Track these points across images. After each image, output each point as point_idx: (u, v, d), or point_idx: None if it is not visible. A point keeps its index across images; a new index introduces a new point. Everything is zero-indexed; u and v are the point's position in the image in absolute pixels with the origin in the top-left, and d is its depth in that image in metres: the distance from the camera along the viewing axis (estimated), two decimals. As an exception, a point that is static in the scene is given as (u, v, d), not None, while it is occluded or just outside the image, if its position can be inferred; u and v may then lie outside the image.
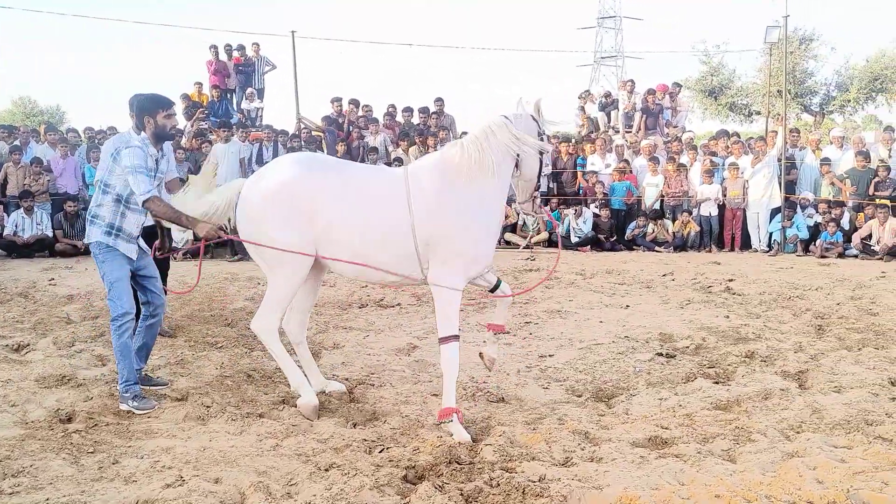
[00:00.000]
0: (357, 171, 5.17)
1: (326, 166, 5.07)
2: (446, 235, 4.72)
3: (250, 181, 5.02)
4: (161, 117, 5.11)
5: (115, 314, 5.01)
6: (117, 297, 5.01)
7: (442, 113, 16.17)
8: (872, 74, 26.94)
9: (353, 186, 4.88)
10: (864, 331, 7.06)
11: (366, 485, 3.75)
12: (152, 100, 5.16)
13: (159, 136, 5.15)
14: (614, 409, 5.12)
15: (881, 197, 12.74)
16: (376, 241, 4.78)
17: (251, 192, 4.91)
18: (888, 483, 3.79)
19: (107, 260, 5.03)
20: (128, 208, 5.03)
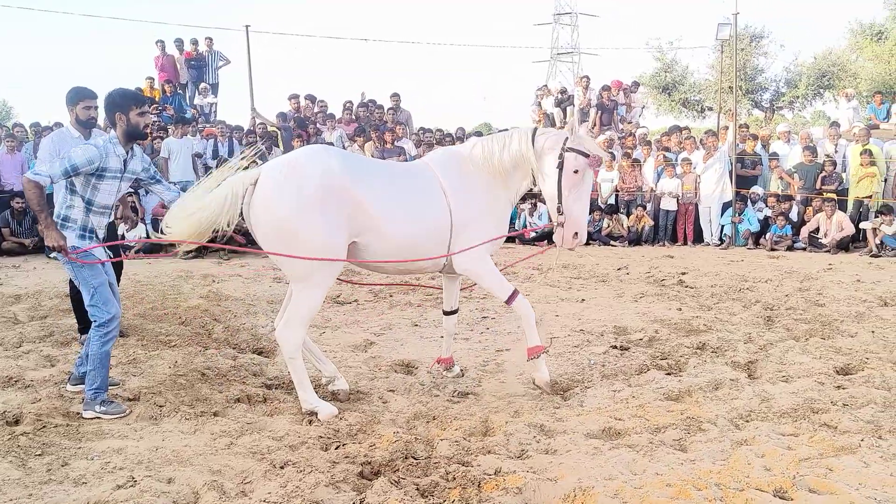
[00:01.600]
0: (381, 163, 5.40)
1: (361, 159, 5.13)
2: (473, 219, 4.99)
3: (272, 175, 4.60)
4: (134, 114, 4.82)
5: (101, 320, 4.76)
6: (102, 303, 4.76)
7: (398, 108, 16.14)
8: (820, 71, 27.61)
9: (394, 177, 4.91)
10: (811, 321, 7.24)
11: (321, 481, 3.73)
12: (124, 95, 4.90)
13: (131, 134, 4.85)
14: (569, 401, 5.18)
15: (828, 191, 13.07)
16: (424, 232, 4.86)
17: (280, 188, 4.53)
18: (832, 469, 3.91)
19: (85, 265, 4.76)
20: (90, 212, 4.82)
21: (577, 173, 4.98)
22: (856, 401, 4.95)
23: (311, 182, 4.53)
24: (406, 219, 4.79)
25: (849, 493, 3.61)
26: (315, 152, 4.85)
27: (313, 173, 4.56)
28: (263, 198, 4.55)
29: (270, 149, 14.64)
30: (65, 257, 4.71)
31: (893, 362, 5.83)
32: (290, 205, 4.49)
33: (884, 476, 3.82)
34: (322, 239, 4.53)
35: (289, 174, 4.56)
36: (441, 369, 5.68)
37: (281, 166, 4.66)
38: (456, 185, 5.00)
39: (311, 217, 4.49)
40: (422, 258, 4.91)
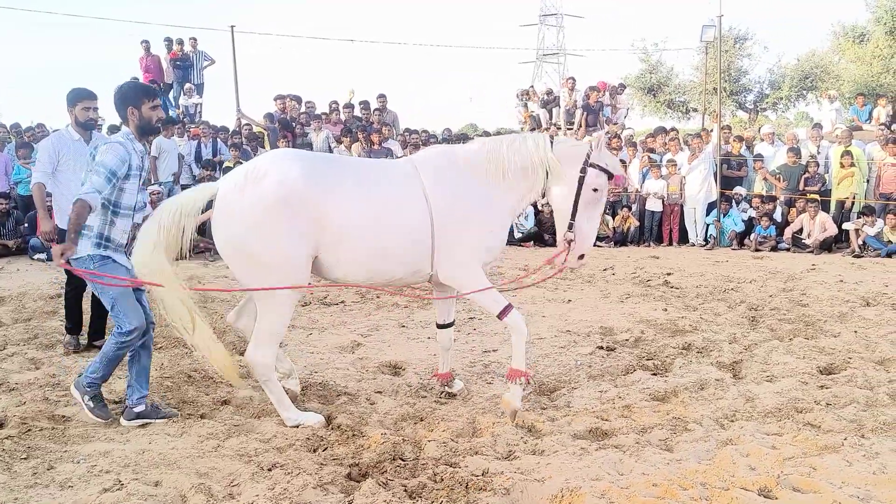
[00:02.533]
0: (362, 165, 4.89)
1: (329, 162, 4.64)
2: (459, 225, 4.58)
3: (232, 184, 4.34)
4: (147, 108, 4.61)
5: (123, 329, 4.53)
6: (124, 314, 4.52)
7: (385, 109, 16.14)
8: (803, 73, 27.83)
9: (364, 182, 4.48)
10: (795, 321, 7.31)
11: (309, 483, 3.74)
12: (136, 88, 4.71)
13: (144, 129, 4.66)
14: (556, 402, 5.20)
15: (811, 192, 13.18)
16: (398, 242, 4.48)
17: (239, 198, 4.24)
18: (816, 468, 3.96)
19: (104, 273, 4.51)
20: (116, 215, 4.58)
21: (595, 192, 4.65)
22: (839, 400, 5.00)
23: (265, 194, 4.21)
24: (374, 231, 4.41)
25: (832, 492, 3.65)
26: (273, 159, 4.50)
27: (268, 184, 4.23)
28: (218, 212, 4.31)
29: (256, 150, 14.61)
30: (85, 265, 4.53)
31: (876, 362, 5.90)
32: (244, 220, 4.21)
33: (866, 474, 3.87)
34: (280, 255, 4.25)
35: (243, 186, 4.27)
36: (438, 385, 5.33)
37: (237, 177, 4.38)
38: (441, 189, 4.58)
39: (266, 232, 4.20)
40: (394, 274, 4.61)
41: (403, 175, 4.66)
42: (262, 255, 4.23)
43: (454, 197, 4.61)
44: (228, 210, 4.27)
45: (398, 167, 4.88)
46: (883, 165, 12.97)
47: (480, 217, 4.66)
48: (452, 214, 4.57)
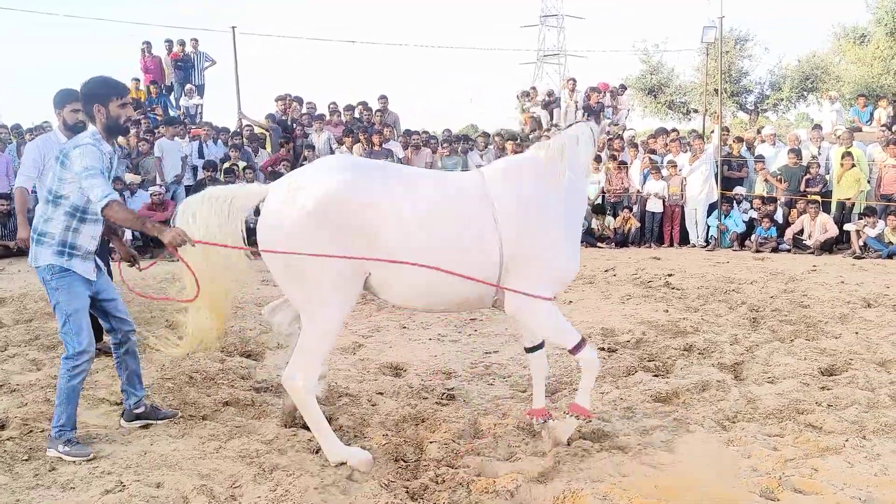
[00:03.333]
0: (418, 176, 4.32)
1: (384, 171, 4.16)
2: (534, 249, 4.08)
3: (278, 191, 4.06)
4: (115, 106, 4.24)
5: (70, 352, 4.22)
6: (75, 332, 4.21)
7: (386, 110, 16.15)
8: (804, 74, 27.77)
9: (425, 197, 4.02)
10: (796, 323, 7.31)
11: (311, 485, 3.74)
12: (105, 84, 4.28)
13: (112, 129, 4.29)
14: (557, 403, 5.20)
15: (812, 193, 13.17)
16: (462, 265, 3.97)
17: (285, 206, 3.95)
18: (818, 469, 3.96)
19: (61, 287, 4.21)
20: (83, 221, 4.25)
21: None
22: (840, 401, 5.01)
23: (305, 210, 3.88)
24: (434, 250, 3.94)
25: (834, 494, 3.67)
26: (321, 167, 4.17)
27: (312, 195, 3.90)
28: (265, 224, 4.01)
29: (257, 151, 14.63)
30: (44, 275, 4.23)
31: (877, 363, 5.90)
32: (290, 234, 3.90)
33: (868, 476, 3.87)
34: (324, 269, 3.89)
35: (288, 197, 3.97)
36: (535, 422, 4.56)
37: (285, 186, 4.08)
38: (513, 210, 4.06)
39: (308, 245, 3.87)
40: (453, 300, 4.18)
41: (469, 189, 4.16)
42: (306, 269, 3.91)
43: (527, 220, 4.09)
44: (272, 219, 3.98)
45: (463, 180, 4.35)
46: (884, 167, 12.97)
47: (557, 243, 4.17)
48: (525, 242, 4.07)
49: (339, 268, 3.90)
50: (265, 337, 7.00)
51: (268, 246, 3.97)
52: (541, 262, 4.10)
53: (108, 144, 4.31)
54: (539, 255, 4.09)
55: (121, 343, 4.62)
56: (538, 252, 4.09)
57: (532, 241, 4.07)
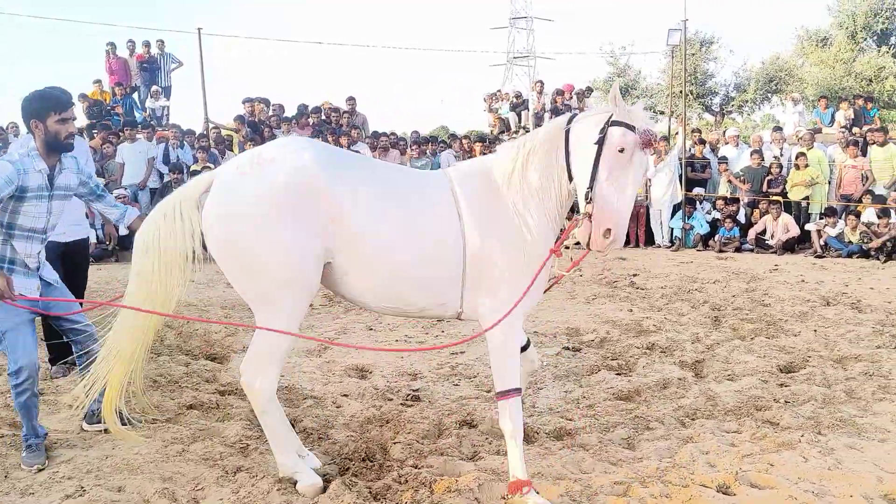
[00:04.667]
0: (386, 167, 4.10)
1: (349, 156, 3.98)
2: (498, 256, 3.76)
3: (234, 168, 3.68)
4: (53, 122, 4.00)
5: (9, 370, 4.04)
6: (12, 350, 4.00)
7: (354, 112, 16.13)
8: (768, 76, 28.30)
9: (392, 182, 3.79)
10: (756, 321, 7.44)
11: (274, 487, 3.75)
12: (42, 98, 4.04)
13: (51, 145, 4.04)
14: (522, 402, 5.24)
15: (774, 194, 13.40)
16: (423, 258, 3.70)
17: (241, 184, 3.57)
18: (773, 464, 4.05)
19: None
20: (11, 237, 4.06)
21: (622, 153, 3.59)
22: (797, 398, 5.12)
23: (275, 183, 3.53)
24: (398, 238, 3.66)
25: (788, 488, 3.75)
26: (286, 144, 3.80)
27: (278, 171, 3.56)
28: (214, 204, 3.61)
29: (224, 153, 14.52)
30: None
31: (834, 360, 6.04)
32: (246, 213, 3.53)
33: (822, 470, 3.97)
34: (286, 259, 3.54)
35: (247, 172, 3.60)
36: None
37: (240, 163, 3.70)
38: (478, 208, 3.78)
39: (271, 230, 3.51)
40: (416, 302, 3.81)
41: (435, 182, 3.93)
42: (264, 253, 3.53)
43: (490, 220, 3.78)
44: (227, 198, 3.59)
45: (429, 174, 4.21)
46: (843, 167, 13.23)
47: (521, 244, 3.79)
48: (489, 241, 3.75)
49: (303, 254, 3.56)
50: (231, 339, 6.98)
51: (220, 231, 3.59)
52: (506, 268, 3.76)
53: (45, 162, 4.06)
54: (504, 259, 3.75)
55: (84, 354, 4.33)
56: (503, 256, 3.75)
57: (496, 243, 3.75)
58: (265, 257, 3.54)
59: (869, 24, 24.90)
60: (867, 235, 11.90)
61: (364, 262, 3.66)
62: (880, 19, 24.65)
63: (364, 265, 3.67)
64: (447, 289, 3.78)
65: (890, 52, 24.74)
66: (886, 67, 24.41)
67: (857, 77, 24.86)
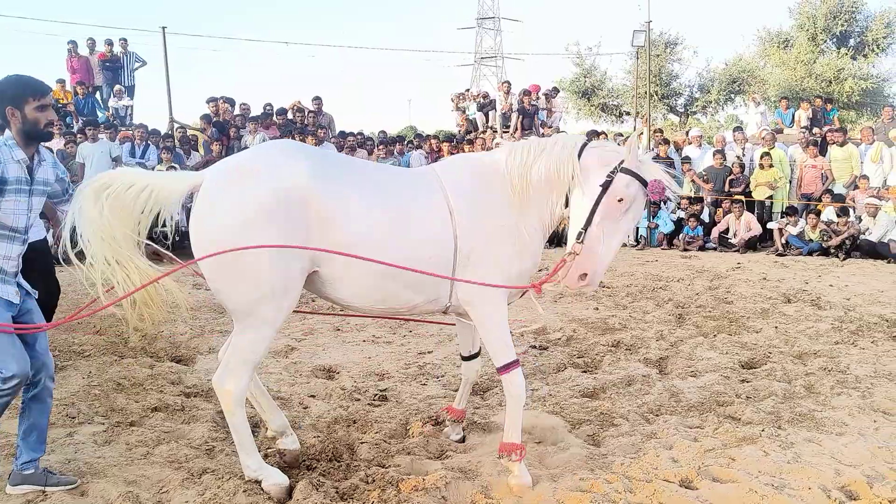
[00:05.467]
0: (373, 166, 4.13)
1: (335, 159, 3.95)
2: (486, 248, 3.86)
3: (219, 177, 3.62)
4: (31, 108, 3.68)
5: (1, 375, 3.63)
6: (1, 358, 3.61)
7: (320, 112, 16.06)
8: (731, 77, 28.64)
9: (380, 185, 3.79)
10: (719, 318, 7.57)
11: (240, 488, 3.73)
12: (19, 84, 3.72)
13: (30, 133, 3.72)
14: (488, 401, 5.29)
15: (736, 193, 13.62)
16: (415, 259, 3.71)
17: (226, 194, 3.54)
18: (735, 458, 4.13)
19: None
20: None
21: (621, 202, 3.79)
22: (758, 393, 5.22)
23: (261, 190, 3.51)
24: (391, 243, 3.68)
25: (749, 482, 3.82)
26: (272, 150, 3.81)
27: (266, 179, 3.53)
28: (200, 212, 3.57)
29: (189, 153, 14.39)
30: None
31: (794, 356, 6.16)
32: (231, 221, 3.49)
33: (781, 463, 4.05)
34: (271, 271, 3.51)
35: (233, 178, 3.58)
36: (448, 420, 4.60)
37: (226, 169, 3.68)
38: (467, 203, 3.86)
39: (257, 237, 3.47)
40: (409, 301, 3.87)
41: (423, 183, 3.95)
42: (250, 264, 3.49)
43: (480, 214, 3.88)
44: (212, 208, 3.55)
45: (416, 173, 4.28)
46: (804, 167, 13.50)
47: (509, 241, 3.93)
48: (479, 233, 3.86)
49: (287, 264, 3.54)
50: (197, 341, 6.91)
51: (203, 242, 3.53)
52: (495, 257, 3.87)
53: (24, 152, 3.72)
54: (492, 249, 3.87)
55: (32, 385, 3.80)
56: (492, 246, 3.87)
57: (483, 235, 3.86)
58: (250, 269, 3.51)
59: (829, 26, 25.31)
60: (827, 234, 12.16)
61: (356, 268, 3.65)
62: (839, 21, 25.06)
63: (355, 271, 3.66)
64: (440, 285, 3.85)
65: (849, 54, 25.19)
66: (845, 69, 24.84)
67: (818, 78, 25.28)
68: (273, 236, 3.48)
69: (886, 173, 12.87)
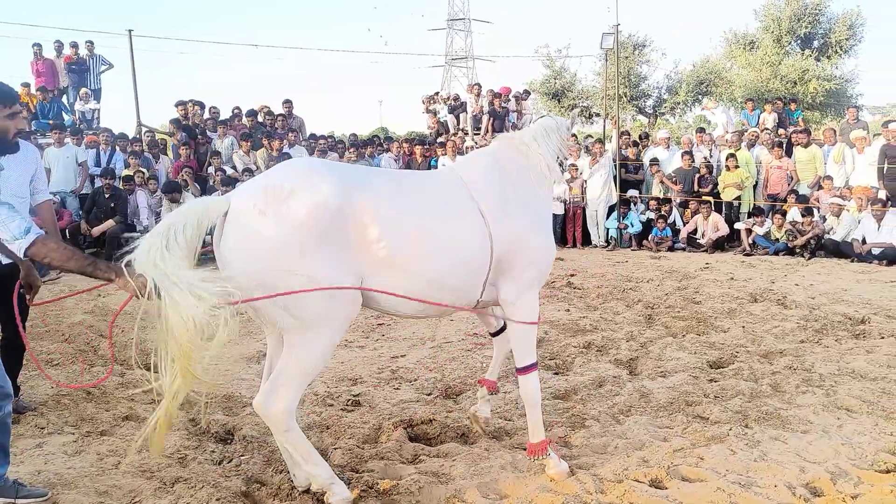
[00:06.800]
0: (403, 176, 4.12)
1: (366, 173, 3.89)
2: (519, 244, 3.93)
3: (249, 203, 3.42)
4: (2, 116, 3.47)
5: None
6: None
7: (291, 114, 16.00)
8: (698, 78, 29.03)
9: (414, 196, 3.77)
10: (688, 319, 7.68)
11: (213, 496, 3.72)
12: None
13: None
14: (461, 404, 5.32)
15: (704, 193, 13.81)
16: (454, 264, 3.74)
17: (260, 221, 3.36)
18: (703, 458, 4.21)
19: None
20: None
21: None
22: (726, 392, 5.31)
23: (298, 220, 3.36)
24: (429, 250, 3.66)
25: (717, 480, 3.89)
26: (296, 171, 3.63)
27: (299, 206, 3.38)
28: (233, 238, 3.40)
29: (158, 157, 14.26)
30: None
31: (761, 355, 6.27)
32: (270, 257, 3.35)
33: (748, 462, 4.14)
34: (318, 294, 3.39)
35: (265, 208, 3.38)
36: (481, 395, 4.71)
37: (254, 194, 3.47)
38: (495, 201, 3.93)
39: (302, 265, 3.36)
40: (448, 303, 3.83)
41: (448, 185, 3.98)
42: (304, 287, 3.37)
43: (511, 210, 3.96)
44: (248, 242, 3.37)
45: (437, 176, 4.36)
46: (770, 168, 13.71)
47: (538, 228, 4.09)
48: (510, 230, 3.91)
49: (332, 281, 3.41)
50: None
51: (238, 271, 3.33)
52: (527, 254, 3.96)
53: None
54: (523, 245, 3.95)
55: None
56: (523, 242, 3.95)
57: (515, 233, 3.92)
58: (297, 297, 3.35)
59: (793, 27, 25.76)
60: (792, 234, 12.38)
61: (400, 277, 3.60)
62: (804, 23, 25.51)
63: (399, 281, 3.60)
64: (474, 286, 3.89)
65: (813, 56, 25.66)
66: (810, 70, 25.31)
67: (783, 79, 25.72)
68: (323, 256, 3.39)
69: (849, 174, 13.12)
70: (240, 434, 4.66)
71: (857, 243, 11.67)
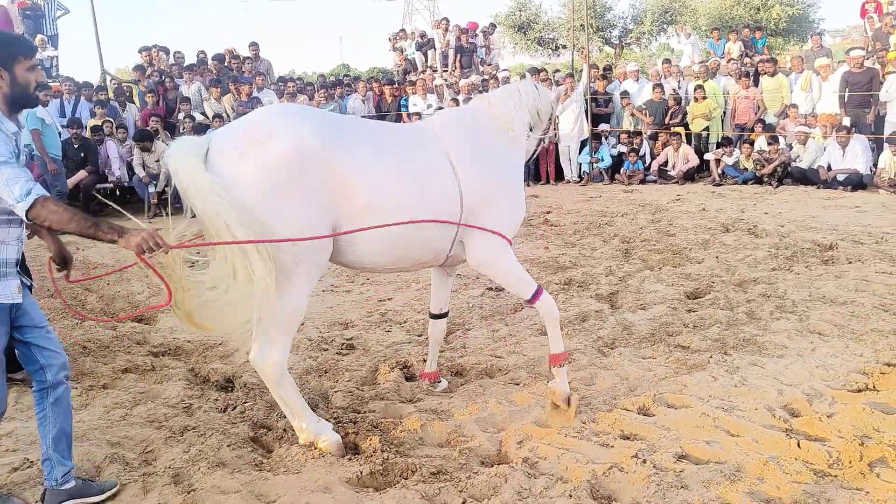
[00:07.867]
0: (380, 127, 4.11)
1: (344, 121, 3.92)
2: (488, 197, 4.01)
3: (228, 146, 3.47)
4: (22, 69, 3.16)
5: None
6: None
7: (258, 58, 15.73)
8: (663, 7, 28.87)
9: (386, 144, 3.80)
10: (663, 251, 7.90)
11: (224, 443, 3.86)
12: (8, 42, 3.23)
13: (19, 99, 3.21)
14: (452, 344, 5.50)
15: (674, 125, 13.95)
16: (430, 214, 3.79)
17: (239, 164, 3.40)
18: (686, 385, 4.43)
19: None
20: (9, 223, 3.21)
21: None
22: (704, 322, 5.55)
23: (278, 160, 3.41)
24: (406, 199, 3.71)
25: (701, 406, 4.12)
26: (279, 116, 3.68)
27: (279, 148, 3.42)
28: (215, 182, 3.37)
29: (124, 106, 14.00)
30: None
31: (735, 284, 6.51)
32: (251, 196, 3.38)
33: (729, 387, 4.37)
34: (298, 231, 3.44)
35: (246, 151, 3.42)
36: (426, 385, 4.70)
37: (235, 139, 3.50)
38: (467, 155, 4.01)
39: (280, 207, 3.41)
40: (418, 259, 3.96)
41: (423, 137, 4.05)
42: (273, 234, 3.41)
43: (479, 164, 4.05)
44: (229, 182, 3.38)
45: (415, 129, 4.40)
46: (737, 98, 13.85)
47: (509, 185, 4.22)
48: (483, 185, 4.01)
49: (312, 228, 3.48)
50: (156, 300, 6.91)
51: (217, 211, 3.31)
52: (498, 210, 4.06)
53: (10, 122, 3.18)
54: (496, 203, 4.05)
55: (49, 388, 3.36)
56: (495, 200, 4.05)
57: (489, 188, 4.03)
58: (282, 235, 3.42)
59: (756, -48, 25.68)
60: (760, 163, 12.60)
61: (374, 232, 3.64)
62: (767, -52, 25.43)
63: (372, 234, 3.64)
64: (445, 240, 3.96)
65: (776, -19, 25.65)
66: (772, -5, 25.35)
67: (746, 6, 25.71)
68: (294, 202, 3.44)
69: (815, 101, 13.30)
70: (240, 382, 4.79)
71: (822, 170, 11.93)
